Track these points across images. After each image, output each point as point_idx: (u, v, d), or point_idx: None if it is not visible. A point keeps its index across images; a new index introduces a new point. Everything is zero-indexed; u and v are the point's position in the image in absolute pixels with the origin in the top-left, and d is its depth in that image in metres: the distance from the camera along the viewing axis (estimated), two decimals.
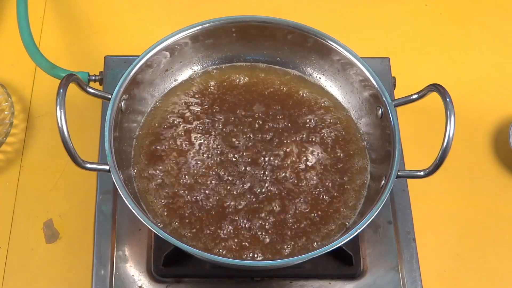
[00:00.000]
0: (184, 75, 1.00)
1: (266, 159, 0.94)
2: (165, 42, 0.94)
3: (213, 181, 0.92)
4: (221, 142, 0.95)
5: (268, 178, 0.92)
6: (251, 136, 0.96)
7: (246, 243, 0.88)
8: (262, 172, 0.93)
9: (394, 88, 1.07)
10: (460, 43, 1.23)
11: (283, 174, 0.93)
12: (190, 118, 0.97)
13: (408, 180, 0.99)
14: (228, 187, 0.91)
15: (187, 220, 0.89)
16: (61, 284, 0.97)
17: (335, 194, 0.92)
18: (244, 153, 0.94)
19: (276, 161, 0.94)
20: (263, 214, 0.90)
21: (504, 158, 1.11)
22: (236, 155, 0.94)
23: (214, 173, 0.92)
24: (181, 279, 0.92)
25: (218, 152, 0.94)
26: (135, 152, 0.94)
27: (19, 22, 1.08)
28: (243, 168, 0.93)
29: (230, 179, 0.92)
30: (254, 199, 0.91)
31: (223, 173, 0.92)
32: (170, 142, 0.94)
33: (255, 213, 0.90)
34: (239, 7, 1.22)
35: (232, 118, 0.97)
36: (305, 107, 0.99)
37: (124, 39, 1.18)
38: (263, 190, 0.91)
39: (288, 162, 0.94)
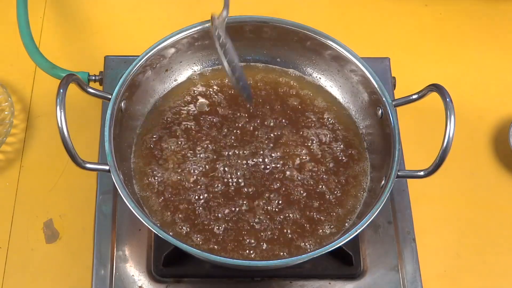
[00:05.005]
0: (184, 75, 1.00)
1: (266, 159, 0.94)
2: (165, 42, 0.94)
3: (213, 181, 0.92)
4: (221, 142, 0.95)
5: (267, 178, 0.92)
6: (251, 136, 0.96)
7: (246, 243, 0.88)
8: (261, 172, 0.93)
9: (394, 88, 1.07)
10: (460, 43, 1.23)
11: (282, 174, 0.93)
12: (190, 118, 0.97)
13: (408, 180, 0.99)
14: (228, 187, 0.91)
15: (187, 220, 0.89)
16: (61, 284, 0.97)
17: (334, 194, 0.92)
18: (244, 153, 0.94)
19: (275, 161, 0.94)
20: (262, 214, 0.90)
21: (504, 158, 1.11)
22: (235, 155, 0.94)
23: (214, 173, 0.92)
24: (181, 279, 0.92)
25: (218, 151, 0.94)
26: (135, 152, 0.94)
27: (19, 22, 1.08)
28: (243, 168, 0.93)
29: (230, 179, 0.92)
30: (253, 200, 0.91)
31: (222, 173, 0.92)
32: (170, 142, 0.94)
33: (254, 213, 0.90)
34: (239, 7, 1.22)
35: (232, 118, 0.97)
36: (305, 107, 0.99)
37: (124, 39, 1.18)
38: (262, 190, 0.91)
39: (287, 162, 0.94)
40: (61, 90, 0.81)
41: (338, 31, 1.02)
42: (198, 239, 0.88)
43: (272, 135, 0.96)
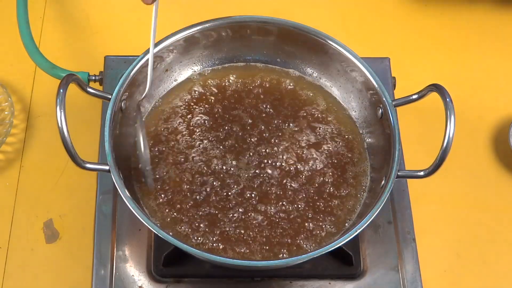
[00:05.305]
0: (184, 75, 1.00)
1: (265, 160, 0.94)
2: (164, 42, 0.95)
3: (213, 181, 0.92)
4: (221, 142, 0.95)
5: (267, 178, 0.92)
6: (251, 136, 0.96)
7: (246, 243, 0.88)
8: (261, 172, 0.93)
9: (394, 88, 1.07)
10: (460, 43, 1.23)
11: (282, 175, 0.93)
12: (190, 118, 0.97)
13: (408, 180, 0.99)
14: (228, 187, 0.91)
15: (187, 220, 0.89)
16: (61, 284, 0.97)
17: (334, 194, 0.92)
18: (244, 153, 0.94)
19: (275, 162, 0.94)
20: (262, 214, 0.90)
21: (504, 158, 1.11)
22: (235, 156, 0.94)
23: (213, 173, 0.92)
24: (181, 279, 0.92)
25: (218, 151, 0.94)
26: (135, 152, 0.94)
27: (19, 22, 1.08)
28: (242, 168, 0.93)
29: (230, 179, 0.92)
30: (253, 199, 0.91)
31: (222, 173, 0.92)
32: (170, 142, 0.94)
33: (255, 213, 0.90)
34: (239, 7, 1.22)
35: (232, 118, 0.97)
36: (305, 107, 0.99)
37: (124, 39, 1.18)
38: (262, 190, 0.91)
39: (287, 162, 0.94)
40: (61, 90, 0.81)
41: (338, 31, 1.02)
42: (198, 239, 0.88)
43: (271, 135, 0.96)
